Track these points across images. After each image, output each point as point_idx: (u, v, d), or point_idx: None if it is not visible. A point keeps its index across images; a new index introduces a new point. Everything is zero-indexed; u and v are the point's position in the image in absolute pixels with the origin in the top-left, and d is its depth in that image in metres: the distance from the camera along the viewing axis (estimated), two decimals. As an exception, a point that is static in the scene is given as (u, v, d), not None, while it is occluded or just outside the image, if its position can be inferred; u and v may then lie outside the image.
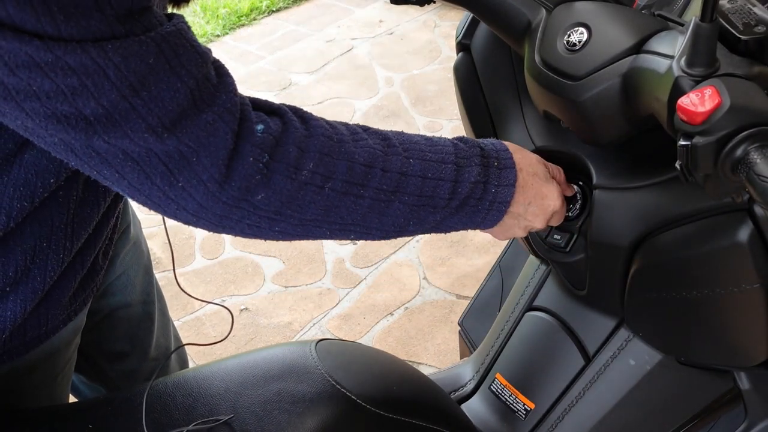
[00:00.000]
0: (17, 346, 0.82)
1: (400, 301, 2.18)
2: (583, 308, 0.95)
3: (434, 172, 0.76)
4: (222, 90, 0.64)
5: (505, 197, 0.80)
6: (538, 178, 0.83)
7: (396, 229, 0.76)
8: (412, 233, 0.79)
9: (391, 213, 0.75)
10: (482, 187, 0.78)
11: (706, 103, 0.60)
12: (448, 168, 0.77)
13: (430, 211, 0.76)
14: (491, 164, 0.80)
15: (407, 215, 0.76)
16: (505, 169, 0.80)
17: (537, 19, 0.82)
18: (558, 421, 0.96)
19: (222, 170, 0.64)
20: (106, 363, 1.11)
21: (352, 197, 0.72)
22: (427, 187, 0.75)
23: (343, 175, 0.71)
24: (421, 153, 0.76)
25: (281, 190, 0.67)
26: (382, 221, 0.75)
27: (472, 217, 0.79)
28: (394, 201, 0.74)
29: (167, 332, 1.20)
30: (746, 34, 0.66)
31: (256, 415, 0.80)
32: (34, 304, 0.79)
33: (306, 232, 0.73)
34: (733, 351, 0.87)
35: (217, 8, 3.74)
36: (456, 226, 0.80)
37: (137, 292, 1.10)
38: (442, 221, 0.78)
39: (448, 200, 0.77)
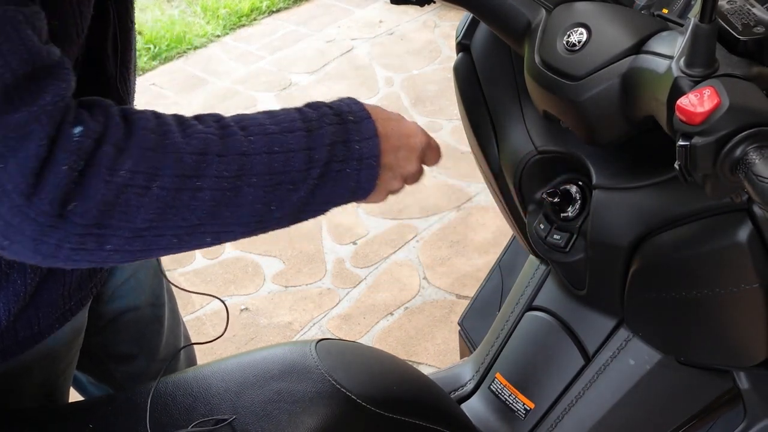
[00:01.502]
0: (10, 346, 0.82)
1: (400, 301, 2.18)
2: (582, 308, 0.95)
3: (281, 144, 0.70)
4: (49, 92, 0.58)
5: (372, 150, 0.74)
6: (393, 121, 0.78)
7: (257, 218, 0.69)
8: (283, 221, 0.72)
9: (243, 201, 0.67)
10: (343, 146, 0.73)
11: (705, 104, 0.61)
12: (296, 136, 0.71)
13: (289, 188, 0.70)
14: (346, 120, 0.75)
15: (263, 199, 0.68)
16: (362, 121, 0.75)
17: (537, 19, 0.82)
18: (558, 421, 0.96)
19: (30, 180, 0.57)
20: (114, 365, 1.11)
21: (189, 192, 0.64)
22: (276, 162, 0.69)
23: (172, 169, 0.63)
24: (262, 128, 0.70)
25: (95, 196, 0.60)
26: (237, 213, 0.68)
27: (344, 183, 0.73)
28: (242, 186, 0.67)
29: (177, 333, 1.20)
30: (745, 34, 0.66)
31: (256, 415, 0.80)
32: (21, 306, 0.79)
33: (147, 245, 0.65)
34: (733, 351, 0.87)
35: (217, 8, 3.74)
36: (333, 199, 0.74)
37: (146, 294, 1.09)
38: (312, 197, 0.72)
39: (305, 171, 0.70)
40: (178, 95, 3.19)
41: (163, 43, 3.47)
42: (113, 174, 0.60)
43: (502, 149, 0.97)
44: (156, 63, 3.40)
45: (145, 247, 0.65)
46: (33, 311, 0.81)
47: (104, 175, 0.60)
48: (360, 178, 0.74)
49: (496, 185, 1.01)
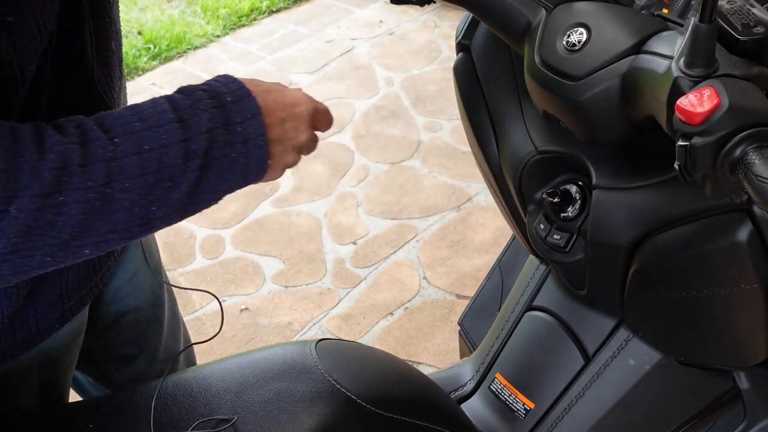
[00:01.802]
0: (8, 347, 0.82)
1: (400, 301, 2.18)
2: (582, 308, 0.95)
3: (151, 140, 0.65)
4: None
5: (258, 128, 0.71)
6: (275, 92, 0.75)
7: (138, 221, 0.66)
8: (170, 218, 0.68)
9: (118, 207, 0.64)
10: (224, 130, 0.69)
11: (704, 104, 0.61)
12: (167, 130, 0.66)
13: (169, 186, 0.66)
14: (224, 102, 0.70)
15: (141, 201, 0.65)
16: (241, 100, 0.71)
17: (537, 19, 0.82)
18: (558, 421, 0.96)
19: None
20: (114, 366, 1.11)
21: (52, 210, 0.61)
22: (149, 161, 0.65)
23: (29, 189, 0.59)
24: (127, 127, 0.65)
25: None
26: (113, 220, 0.64)
27: (232, 168, 0.70)
28: (114, 193, 0.63)
29: (177, 334, 1.20)
30: (745, 34, 0.66)
31: (256, 415, 0.80)
32: (15, 308, 0.79)
33: (18, 268, 0.62)
34: (733, 351, 0.87)
35: (217, 8, 3.74)
36: (223, 186, 0.70)
37: (146, 295, 1.09)
38: (197, 188, 0.68)
39: (183, 164, 0.66)
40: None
41: (163, 43, 3.47)
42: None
43: (502, 149, 0.97)
44: (156, 63, 3.40)
45: (16, 269, 0.62)
46: (31, 312, 0.81)
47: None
48: (249, 160, 0.71)
49: (496, 185, 1.01)
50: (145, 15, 3.70)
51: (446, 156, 2.72)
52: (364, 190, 2.59)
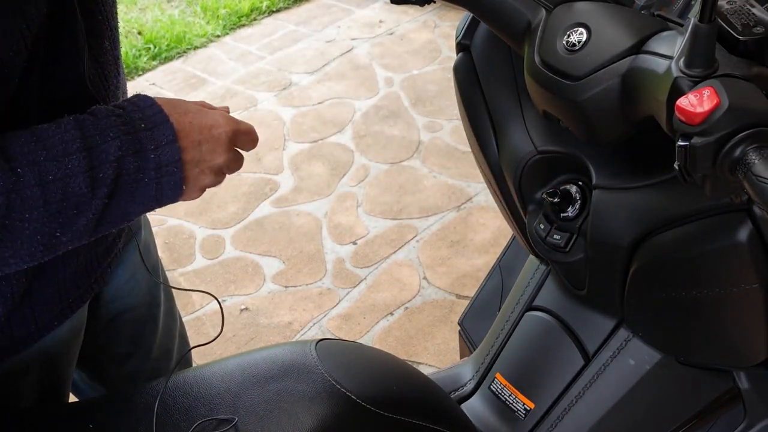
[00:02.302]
0: (7, 345, 0.81)
1: (400, 301, 2.18)
2: (582, 308, 0.95)
3: (56, 171, 0.64)
4: None
5: (172, 155, 0.70)
6: (191, 114, 0.73)
7: (41, 247, 0.65)
8: (77, 240, 0.67)
9: (18, 236, 0.63)
10: (135, 158, 0.67)
11: (704, 104, 0.61)
12: (74, 159, 0.64)
13: (74, 213, 0.65)
14: (137, 128, 0.69)
15: (42, 230, 0.64)
16: (156, 127, 0.70)
17: (537, 19, 0.82)
18: (558, 421, 0.96)
19: None
20: (109, 364, 1.11)
21: None
22: (51, 191, 0.63)
23: None
24: (31, 156, 0.63)
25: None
26: (13, 247, 0.63)
27: (143, 193, 0.69)
28: (13, 223, 0.62)
29: (172, 332, 1.20)
30: (745, 34, 0.66)
31: (256, 415, 0.80)
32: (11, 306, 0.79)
33: None
34: (733, 351, 0.87)
35: (217, 8, 3.74)
36: (134, 209, 0.70)
37: (143, 294, 1.09)
38: (105, 214, 0.67)
39: (90, 192, 0.65)
40: (178, 95, 3.19)
41: (162, 43, 3.47)
42: None
43: (502, 149, 0.97)
44: (156, 63, 3.40)
45: None
46: (28, 310, 0.81)
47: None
48: (162, 186, 0.70)
49: (496, 185, 1.01)
50: (145, 15, 3.70)
51: (446, 156, 2.72)
52: (364, 190, 2.59)
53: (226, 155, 0.75)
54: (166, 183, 0.70)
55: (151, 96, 0.73)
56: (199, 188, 0.76)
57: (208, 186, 0.77)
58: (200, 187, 0.76)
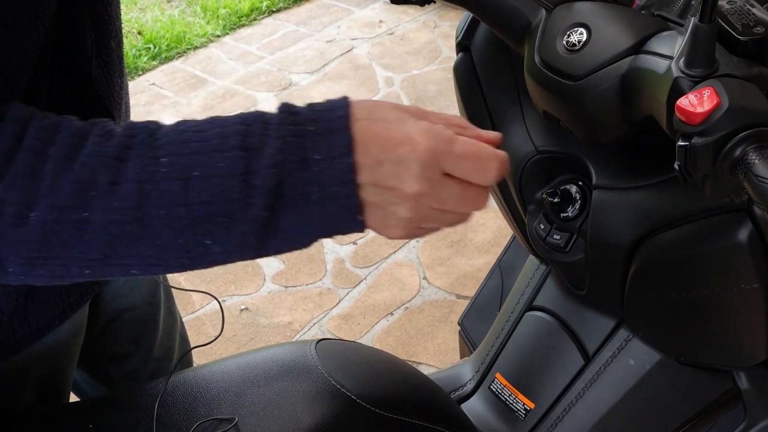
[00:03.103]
0: (8, 344, 0.82)
1: (400, 301, 2.18)
2: (582, 308, 0.95)
3: (204, 167, 0.55)
4: None
5: (340, 173, 0.55)
6: (384, 123, 0.57)
7: (188, 254, 0.57)
8: (234, 256, 0.58)
9: (158, 235, 0.55)
10: (300, 167, 0.55)
11: (704, 104, 0.61)
12: (228, 157, 0.55)
13: (226, 222, 0.55)
14: (305, 131, 0.56)
15: (188, 234, 0.56)
16: (331, 133, 0.56)
17: (537, 19, 0.82)
18: (558, 421, 0.96)
19: None
20: (110, 363, 1.11)
21: (74, 225, 0.54)
22: (195, 190, 0.55)
23: (48, 199, 0.54)
24: (183, 146, 0.56)
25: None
26: (155, 246, 0.56)
27: (311, 214, 0.56)
28: (150, 219, 0.55)
29: (172, 332, 1.20)
30: (745, 35, 0.66)
31: (256, 415, 0.80)
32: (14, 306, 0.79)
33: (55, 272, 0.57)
34: (733, 351, 0.87)
35: (217, 8, 3.74)
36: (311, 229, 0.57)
37: (143, 294, 1.09)
38: (271, 229, 0.56)
39: (244, 200, 0.55)
40: (178, 95, 3.19)
41: (162, 43, 3.47)
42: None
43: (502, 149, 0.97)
44: (156, 63, 3.40)
45: (53, 273, 0.56)
46: (31, 309, 0.81)
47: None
48: (328, 210, 0.56)
49: (495, 185, 1.01)
50: (145, 15, 3.70)
51: (446, 156, 2.72)
52: (364, 190, 2.59)
53: (418, 184, 0.56)
54: (333, 207, 0.56)
55: (354, 100, 0.59)
56: (395, 224, 0.58)
57: (410, 223, 0.58)
58: (396, 223, 0.58)
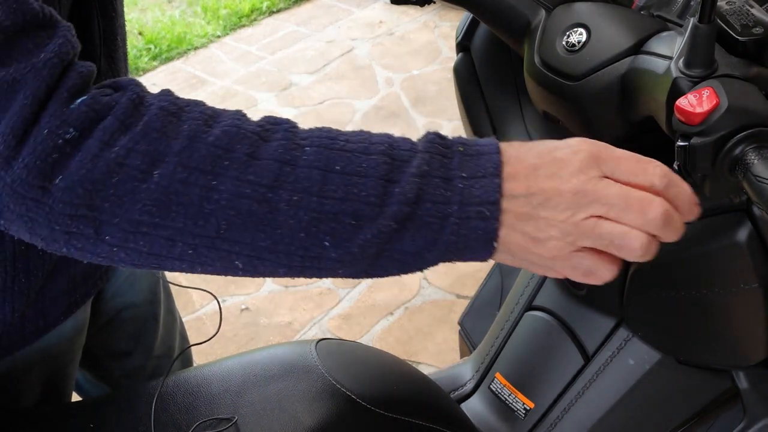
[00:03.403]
0: (16, 340, 0.82)
1: (400, 301, 2.18)
2: (582, 308, 0.95)
3: (346, 163, 0.53)
4: (43, 50, 0.52)
5: (486, 193, 0.52)
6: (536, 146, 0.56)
7: (302, 251, 0.53)
8: (349, 265, 0.54)
9: (281, 222, 0.52)
10: (443, 183, 0.53)
11: (704, 104, 0.61)
12: (372, 160, 0.53)
13: (351, 225, 0.52)
14: (454, 153, 0.54)
15: (310, 228, 0.52)
16: (477, 156, 0.54)
17: (536, 19, 0.82)
18: (557, 420, 0.96)
19: (11, 142, 0.50)
20: (111, 361, 1.12)
21: (200, 189, 0.52)
22: (332, 183, 0.53)
23: (179, 156, 0.52)
24: (329, 141, 0.54)
25: (80, 171, 0.51)
26: (272, 236, 0.52)
27: (440, 233, 0.52)
28: (279, 202, 0.52)
29: (172, 330, 1.20)
30: (744, 35, 0.66)
31: (256, 415, 0.80)
32: (27, 303, 0.79)
33: (155, 247, 0.53)
34: (732, 351, 0.87)
35: (217, 9, 3.74)
36: (431, 254, 0.53)
37: (144, 291, 1.10)
38: (391, 243, 0.53)
39: (378, 206, 0.52)
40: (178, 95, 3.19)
41: (163, 43, 3.47)
42: (105, 149, 0.51)
43: (502, 149, 0.97)
44: (156, 63, 3.40)
45: (152, 249, 0.53)
46: (40, 305, 0.82)
47: (95, 149, 0.51)
48: (462, 231, 0.52)
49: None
50: (146, 15, 3.70)
51: (446, 156, 2.72)
52: (364, 190, 2.59)
53: (576, 178, 0.52)
54: (467, 228, 0.52)
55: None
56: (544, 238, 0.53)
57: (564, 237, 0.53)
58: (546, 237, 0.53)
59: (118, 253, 0.54)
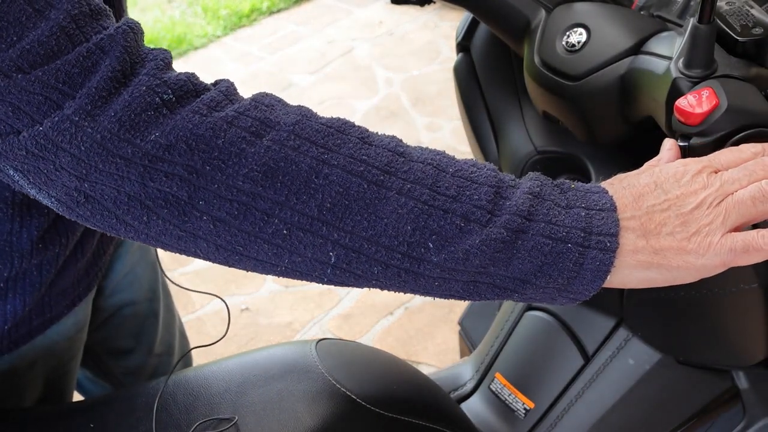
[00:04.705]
0: (23, 335, 0.83)
1: (400, 301, 2.18)
2: (582, 308, 0.95)
3: (458, 169, 0.53)
4: (110, 26, 0.52)
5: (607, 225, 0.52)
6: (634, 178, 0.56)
7: (403, 248, 0.50)
8: (443, 268, 0.51)
9: (387, 209, 0.50)
10: (557, 208, 0.52)
11: (703, 105, 0.61)
12: (483, 173, 0.53)
13: (458, 227, 0.50)
14: (566, 189, 0.55)
15: (417, 220, 0.50)
16: (591, 193, 0.54)
17: (536, 19, 0.82)
18: (557, 420, 0.96)
19: (97, 102, 0.49)
20: (111, 359, 1.12)
21: (311, 161, 0.50)
22: (444, 181, 0.52)
23: (292, 126, 0.51)
24: (436, 152, 0.55)
25: (187, 126, 0.50)
26: (374, 223, 0.50)
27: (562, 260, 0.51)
28: (389, 189, 0.50)
29: (172, 328, 1.21)
30: (744, 35, 0.66)
31: (257, 415, 0.80)
32: (37, 297, 0.80)
33: (245, 224, 0.51)
34: (732, 350, 0.87)
35: (217, 9, 3.74)
36: (528, 282, 0.51)
37: (144, 289, 1.10)
38: (496, 258, 0.51)
39: (488, 211, 0.51)
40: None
41: (163, 43, 3.47)
42: (212, 112, 0.50)
43: (502, 149, 0.97)
44: (156, 63, 3.40)
45: (244, 224, 0.50)
46: (47, 299, 0.82)
47: (201, 110, 0.50)
48: (585, 259, 0.51)
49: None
50: (146, 15, 3.70)
51: (446, 156, 2.72)
52: (364, 190, 2.59)
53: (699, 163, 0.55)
54: (587, 257, 0.51)
55: None
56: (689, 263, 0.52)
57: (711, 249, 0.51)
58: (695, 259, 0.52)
59: (204, 226, 0.51)
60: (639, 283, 0.53)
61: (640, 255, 0.52)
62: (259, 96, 0.54)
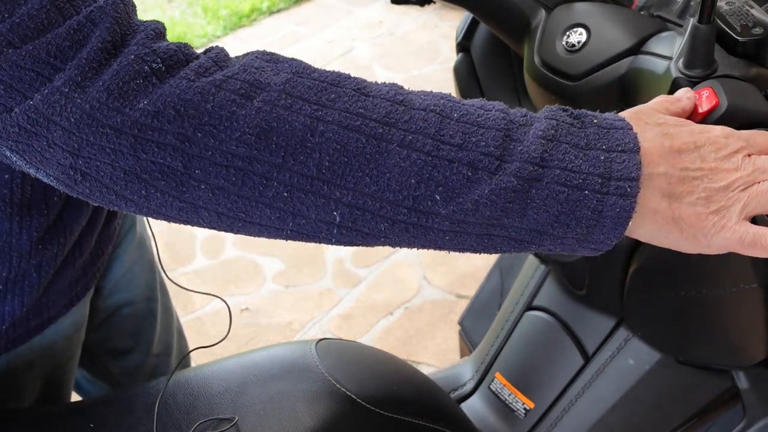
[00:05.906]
0: (21, 335, 0.83)
1: (400, 301, 2.18)
2: (582, 308, 0.95)
3: (463, 113, 0.50)
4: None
5: (628, 168, 0.49)
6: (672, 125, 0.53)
7: (409, 202, 0.48)
8: (452, 221, 0.49)
9: (388, 163, 0.48)
10: (573, 150, 0.49)
11: (703, 104, 0.61)
12: (491, 115, 0.50)
13: (465, 175, 0.48)
14: (586, 125, 0.51)
15: (421, 172, 0.48)
16: (614, 130, 0.51)
17: (536, 19, 0.82)
18: (557, 420, 0.96)
19: (87, 73, 0.49)
20: (110, 359, 1.12)
21: (305, 119, 0.48)
22: (449, 128, 0.49)
23: (284, 84, 0.50)
24: (441, 95, 0.52)
25: (175, 92, 0.49)
26: (376, 178, 0.48)
27: (579, 207, 0.48)
28: (390, 142, 0.48)
29: (170, 328, 1.20)
30: (744, 35, 0.66)
31: (257, 415, 0.80)
32: (35, 297, 0.80)
33: (246, 188, 0.49)
34: (732, 350, 0.87)
35: (217, 9, 3.74)
36: (555, 227, 0.49)
37: (142, 288, 1.10)
38: (508, 209, 0.48)
39: (496, 157, 0.48)
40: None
41: (163, 43, 3.48)
42: (200, 78, 0.50)
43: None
44: (156, 63, 3.40)
45: (243, 189, 0.49)
46: (45, 300, 0.82)
47: (189, 76, 0.50)
48: (604, 205, 0.48)
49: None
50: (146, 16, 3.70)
51: (446, 156, 2.72)
52: (364, 190, 2.59)
53: (724, 135, 0.53)
54: (606, 204, 0.48)
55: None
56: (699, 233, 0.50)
57: (725, 230, 0.50)
58: (704, 231, 0.50)
59: (203, 195, 0.50)
60: (646, 238, 0.52)
61: (658, 216, 0.50)
62: (249, 59, 0.54)
